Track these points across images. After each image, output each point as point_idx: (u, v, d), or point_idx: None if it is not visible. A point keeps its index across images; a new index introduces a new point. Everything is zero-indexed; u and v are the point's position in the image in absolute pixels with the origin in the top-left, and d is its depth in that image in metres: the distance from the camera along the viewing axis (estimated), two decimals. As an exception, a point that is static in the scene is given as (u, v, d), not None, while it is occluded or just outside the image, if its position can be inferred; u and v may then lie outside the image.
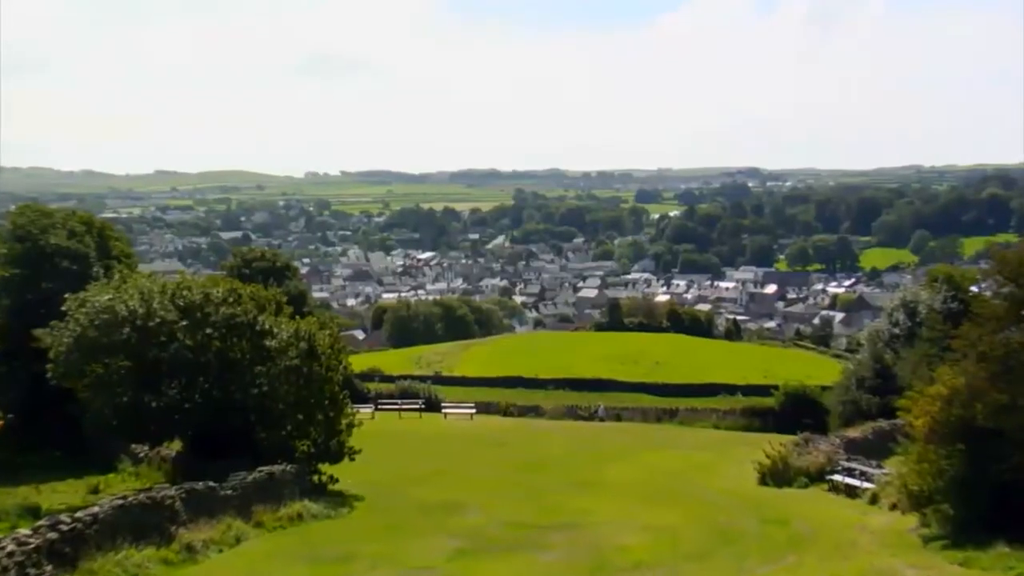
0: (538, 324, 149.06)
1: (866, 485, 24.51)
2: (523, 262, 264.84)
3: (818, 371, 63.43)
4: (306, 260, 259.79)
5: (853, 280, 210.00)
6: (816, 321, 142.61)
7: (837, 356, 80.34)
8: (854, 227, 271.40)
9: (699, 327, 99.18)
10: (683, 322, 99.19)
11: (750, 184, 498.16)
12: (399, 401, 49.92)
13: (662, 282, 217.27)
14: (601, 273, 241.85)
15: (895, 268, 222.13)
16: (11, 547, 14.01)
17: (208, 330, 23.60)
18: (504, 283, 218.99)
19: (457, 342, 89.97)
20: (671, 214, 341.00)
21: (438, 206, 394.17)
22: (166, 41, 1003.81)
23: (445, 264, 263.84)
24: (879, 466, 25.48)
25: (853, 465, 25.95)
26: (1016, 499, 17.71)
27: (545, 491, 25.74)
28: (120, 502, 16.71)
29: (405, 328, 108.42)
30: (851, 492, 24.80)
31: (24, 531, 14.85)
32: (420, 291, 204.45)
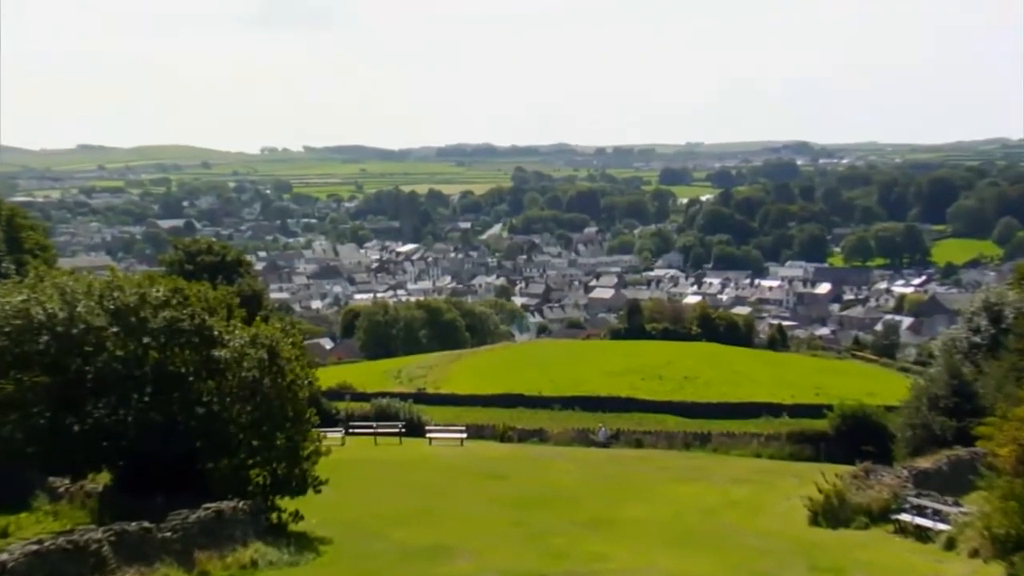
0: (542, 331, 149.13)
1: (940, 526, 24.50)
2: (524, 256, 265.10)
3: (881, 388, 63.23)
4: (262, 254, 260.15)
5: (924, 278, 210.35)
6: (879, 327, 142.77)
7: (904, 370, 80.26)
8: (925, 213, 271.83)
9: (737, 334, 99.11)
10: (717, 328, 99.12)
11: (799, 161, 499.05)
12: (374, 424, 49.85)
13: (692, 280, 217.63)
14: (618, 269, 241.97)
15: (975, 263, 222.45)
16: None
17: (144, 338, 23.54)
18: (501, 281, 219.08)
19: (445, 352, 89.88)
20: (703, 198, 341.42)
21: (421, 188, 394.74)
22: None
23: (430, 259, 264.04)
24: (956, 504, 25.47)
25: (924, 502, 25.94)
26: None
27: (550, 533, 25.73)
28: (34, 548, 16.69)
29: (382, 336, 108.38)
30: (922, 535, 24.80)
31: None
32: (400, 291, 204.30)
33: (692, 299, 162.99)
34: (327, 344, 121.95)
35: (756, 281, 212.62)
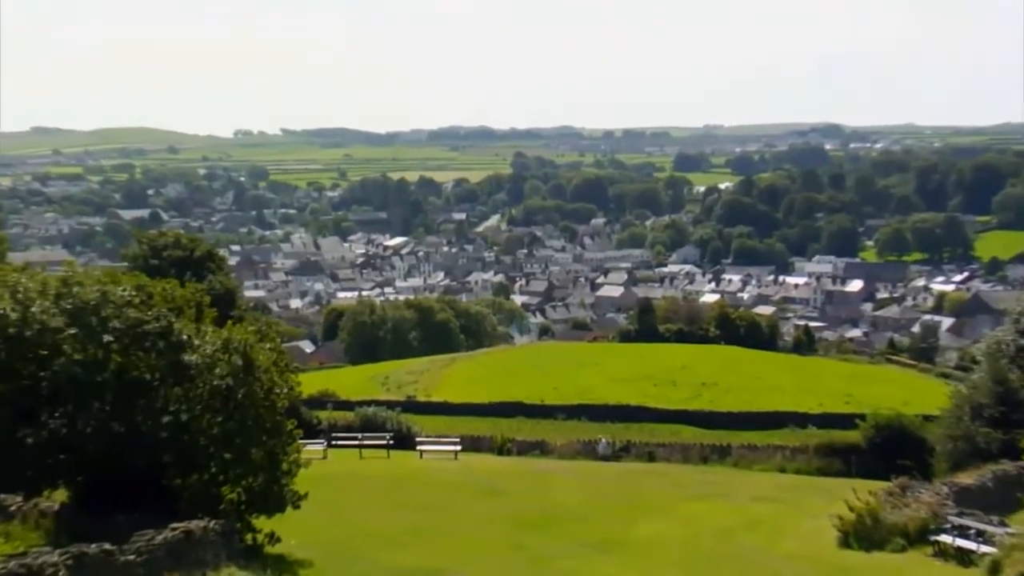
0: (544, 332, 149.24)
1: (985, 549, 24.51)
2: (524, 251, 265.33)
3: (918, 396, 63.38)
4: (235, 247, 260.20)
5: (966, 274, 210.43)
6: (916, 329, 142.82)
7: (944, 376, 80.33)
8: (967, 203, 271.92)
9: (759, 336, 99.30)
10: (738, 330, 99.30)
11: (828, 146, 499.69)
12: (360, 435, 49.90)
13: (709, 277, 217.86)
14: (628, 265, 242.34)
15: (1023, 258, 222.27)
16: None
17: (106, 340, 23.53)
18: (499, 278, 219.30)
19: (437, 356, 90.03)
20: (722, 186, 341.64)
21: (411, 176, 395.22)
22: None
23: (421, 253, 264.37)
24: (1002, 523, 25.49)
25: (967, 522, 25.95)
26: None
27: (553, 556, 25.77)
28: (-15, 571, 16.67)
29: (368, 338, 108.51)
30: (964, 558, 24.82)
31: None
32: (388, 289, 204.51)
33: (710, 298, 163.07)
34: (307, 347, 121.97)
35: (780, 278, 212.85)
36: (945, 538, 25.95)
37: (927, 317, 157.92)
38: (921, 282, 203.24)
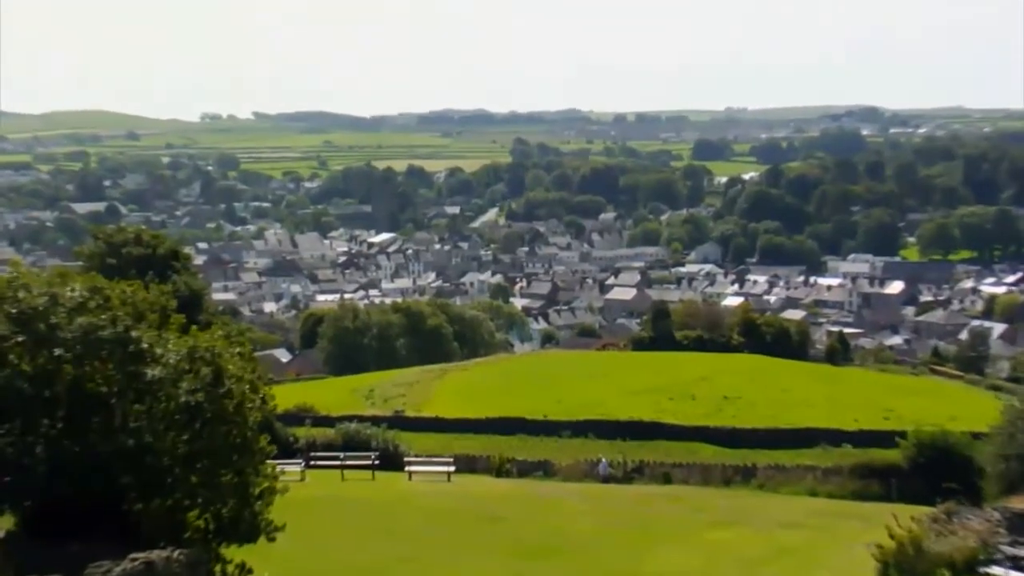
0: (548, 340, 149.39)
1: (1040, 581, 24.48)
2: (525, 248, 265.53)
3: (966, 410, 63.40)
4: (203, 245, 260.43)
5: (1020, 274, 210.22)
6: (963, 336, 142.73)
7: (995, 388, 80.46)
8: (1021, 195, 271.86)
9: (787, 344, 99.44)
10: (764, 337, 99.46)
11: (864, 131, 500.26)
12: (341, 455, 49.87)
13: (732, 278, 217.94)
14: (641, 265, 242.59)
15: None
16: None
17: (57, 350, 23.51)
18: (497, 279, 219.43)
19: (428, 367, 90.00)
20: (746, 177, 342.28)
21: (399, 165, 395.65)
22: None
23: (409, 251, 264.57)
24: (1059, 553, 25.46)
25: (1021, 552, 25.94)
26: None
27: (559, 590, 25.72)
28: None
29: (350, 346, 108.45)
30: (1017, 592, 24.78)
31: None
32: (373, 291, 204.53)
33: (732, 301, 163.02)
34: (283, 356, 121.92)
35: (811, 279, 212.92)
36: (997, 570, 25.92)
37: (976, 323, 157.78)
38: (969, 283, 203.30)
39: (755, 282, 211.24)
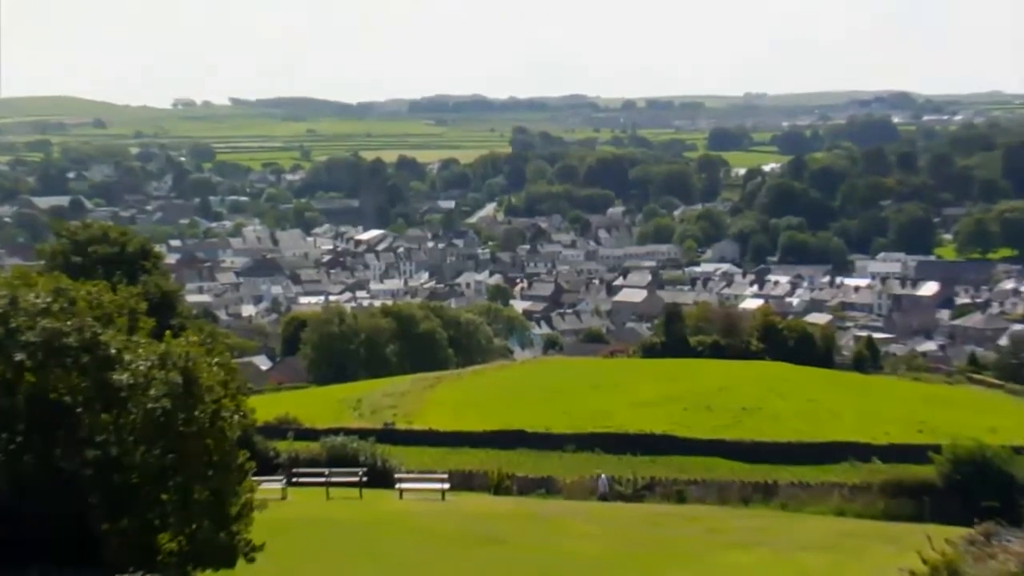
0: (551, 346, 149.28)
1: (1086, 608, 24.46)
2: (526, 246, 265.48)
3: (1006, 422, 63.50)
4: (176, 242, 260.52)
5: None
6: (1003, 341, 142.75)
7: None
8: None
9: (811, 350, 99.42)
10: (785, 343, 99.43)
11: (896, 119, 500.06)
12: (326, 471, 49.84)
13: (751, 278, 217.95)
14: (652, 264, 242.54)
15: None
16: None
17: (17, 356, 23.54)
18: (496, 280, 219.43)
19: (420, 375, 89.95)
20: (766, 168, 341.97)
21: (389, 156, 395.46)
22: None
23: (400, 249, 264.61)
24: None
25: (1066, 576, 25.92)
26: None
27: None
28: None
29: (336, 353, 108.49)
30: (1062, 620, 24.76)
31: None
32: (361, 293, 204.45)
33: (752, 304, 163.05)
34: (263, 364, 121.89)
35: (838, 280, 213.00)
36: (1040, 596, 25.94)
37: (1017, 327, 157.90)
38: (1009, 284, 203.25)
39: (776, 283, 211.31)
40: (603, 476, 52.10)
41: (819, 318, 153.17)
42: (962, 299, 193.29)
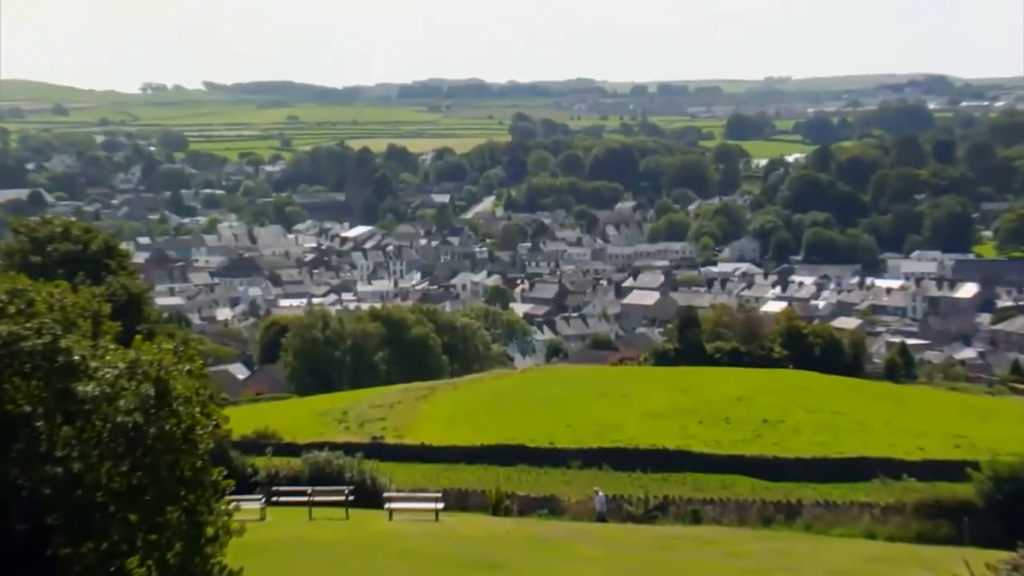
0: (554, 353, 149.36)
1: None
2: (527, 244, 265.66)
3: (1052, 436, 63.27)
4: (144, 240, 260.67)
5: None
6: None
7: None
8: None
9: (838, 358, 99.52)
10: (811, 349, 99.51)
11: (931, 105, 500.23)
12: (309, 489, 49.87)
13: (773, 279, 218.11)
14: (666, 263, 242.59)
15: None
16: None
17: (-31, 364, 23.50)
18: (495, 281, 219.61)
19: (412, 384, 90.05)
20: (790, 159, 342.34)
21: (377, 145, 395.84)
22: None
23: (390, 247, 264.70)
24: None
25: (1116, 604, 25.90)
26: None
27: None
28: None
29: (320, 360, 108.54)
30: (1112, 652, 24.74)
31: None
32: (347, 295, 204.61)
33: (774, 307, 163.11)
34: (240, 372, 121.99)
35: (868, 280, 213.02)
36: (1086, 626, 25.90)
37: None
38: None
39: (800, 284, 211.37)
40: (600, 494, 51.68)
41: (847, 322, 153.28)
42: (1004, 301, 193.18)
